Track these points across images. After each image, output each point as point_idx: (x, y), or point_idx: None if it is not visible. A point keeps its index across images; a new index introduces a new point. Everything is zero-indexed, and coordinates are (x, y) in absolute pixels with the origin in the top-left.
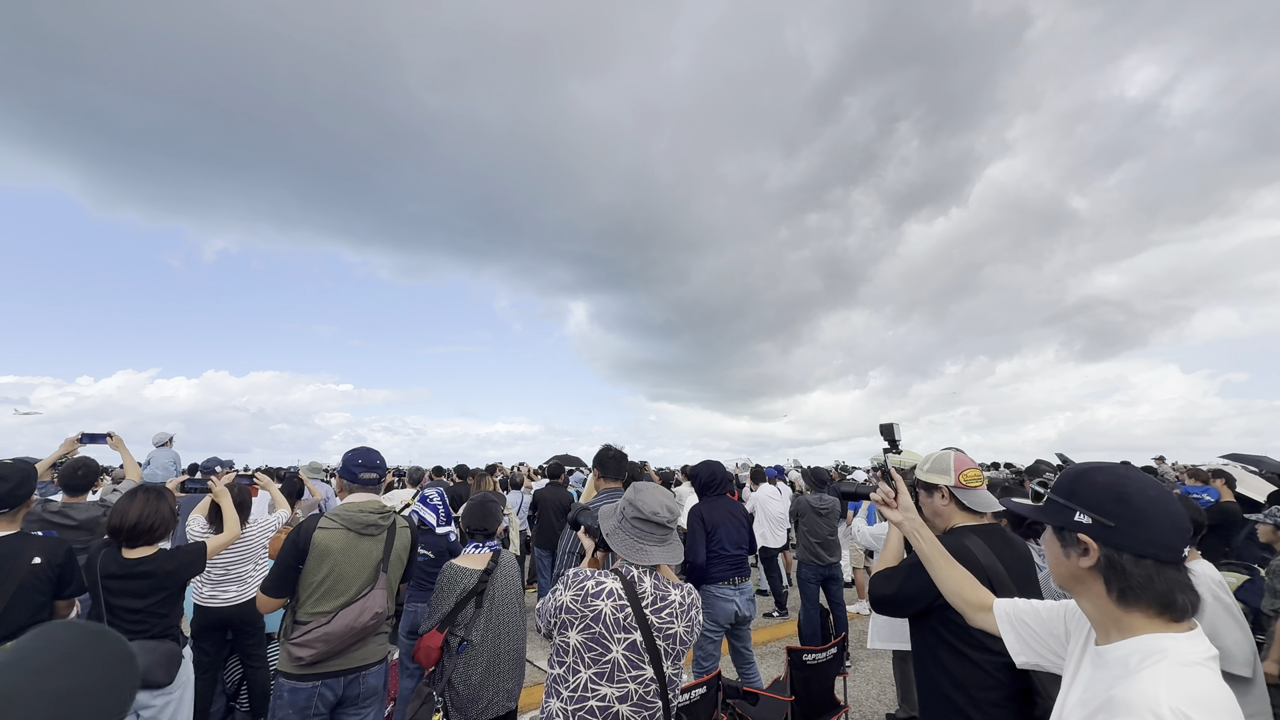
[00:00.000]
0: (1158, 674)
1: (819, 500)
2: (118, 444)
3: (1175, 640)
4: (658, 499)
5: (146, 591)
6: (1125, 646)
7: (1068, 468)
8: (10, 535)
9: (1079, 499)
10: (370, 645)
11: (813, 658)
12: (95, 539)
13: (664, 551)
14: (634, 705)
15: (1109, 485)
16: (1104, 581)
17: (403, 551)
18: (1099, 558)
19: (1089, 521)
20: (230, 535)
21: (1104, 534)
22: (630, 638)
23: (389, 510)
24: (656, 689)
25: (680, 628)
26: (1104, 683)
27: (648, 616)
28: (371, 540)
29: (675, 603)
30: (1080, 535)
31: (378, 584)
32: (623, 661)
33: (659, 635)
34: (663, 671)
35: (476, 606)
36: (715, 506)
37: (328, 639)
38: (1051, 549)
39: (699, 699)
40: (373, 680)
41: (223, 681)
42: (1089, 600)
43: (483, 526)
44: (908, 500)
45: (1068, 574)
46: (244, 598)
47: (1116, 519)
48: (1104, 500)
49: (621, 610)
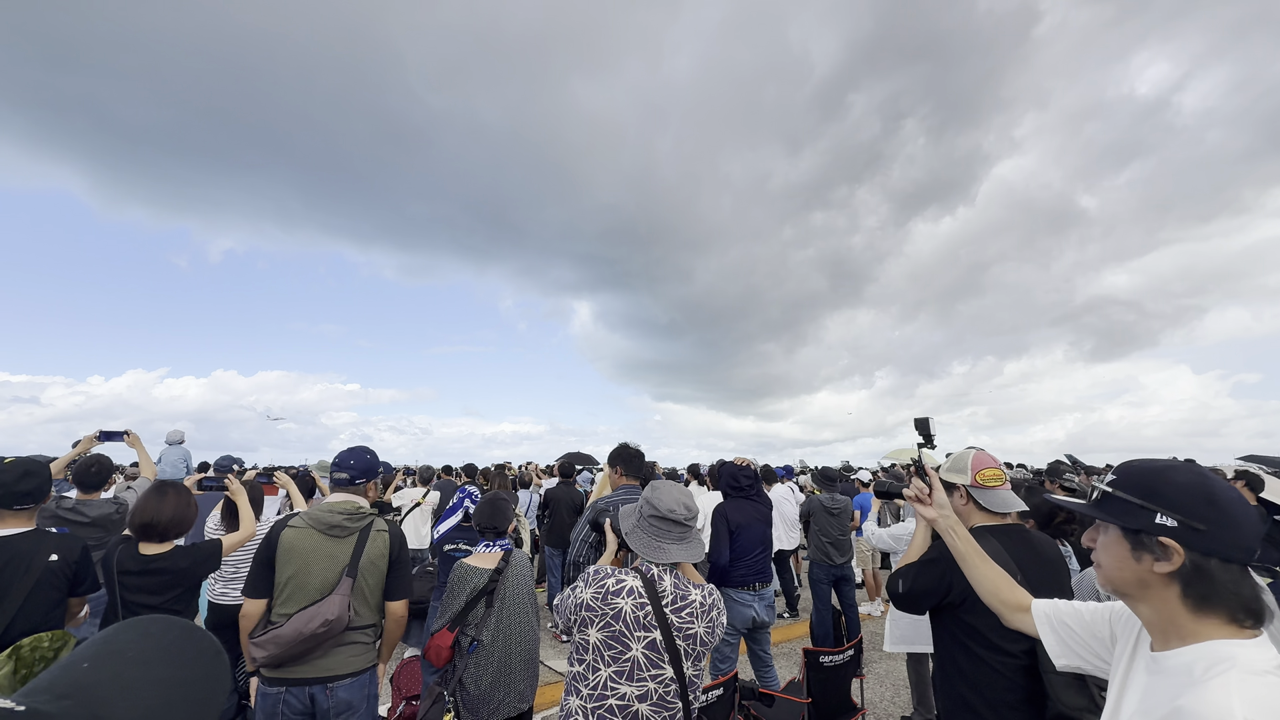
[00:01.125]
0: (1228, 683)
1: (830, 500)
2: (134, 441)
3: (1243, 648)
4: (675, 496)
5: (162, 588)
6: (1188, 653)
7: (1128, 464)
8: (28, 532)
9: (1160, 499)
10: (338, 655)
11: (830, 660)
12: (109, 536)
13: (683, 549)
14: (654, 705)
15: (1195, 485)
16: (1181, 587)
17: (378, 558)
18: (1184, 563)
19: (1174, 524)
20: (246, 533)
21: (1193, 538)
22: (650, 636)
23: (364, 512)
24: (676, 689)
25: (700, 628)
26: (1166, 692)
27: (668, 615)
28: (337, 542)
29: (696, 603)
30: (1162, 539)
31: (338, 589)
32: (642, 660)
33: (679, 635)
34: (683, 672)
35: (487, 606)
36: (742, 508)
37: (277, 642)
38: (1114, 552)
39: (716, 700)
40: (344, 694)
41: (235, 679)
42: (1151, 605)
43: (494, 525)
44: (943, 497)
45: (1133, 578)
46: None
47: (1207, 522)
48: (1193, 502)
49: (642, 608)
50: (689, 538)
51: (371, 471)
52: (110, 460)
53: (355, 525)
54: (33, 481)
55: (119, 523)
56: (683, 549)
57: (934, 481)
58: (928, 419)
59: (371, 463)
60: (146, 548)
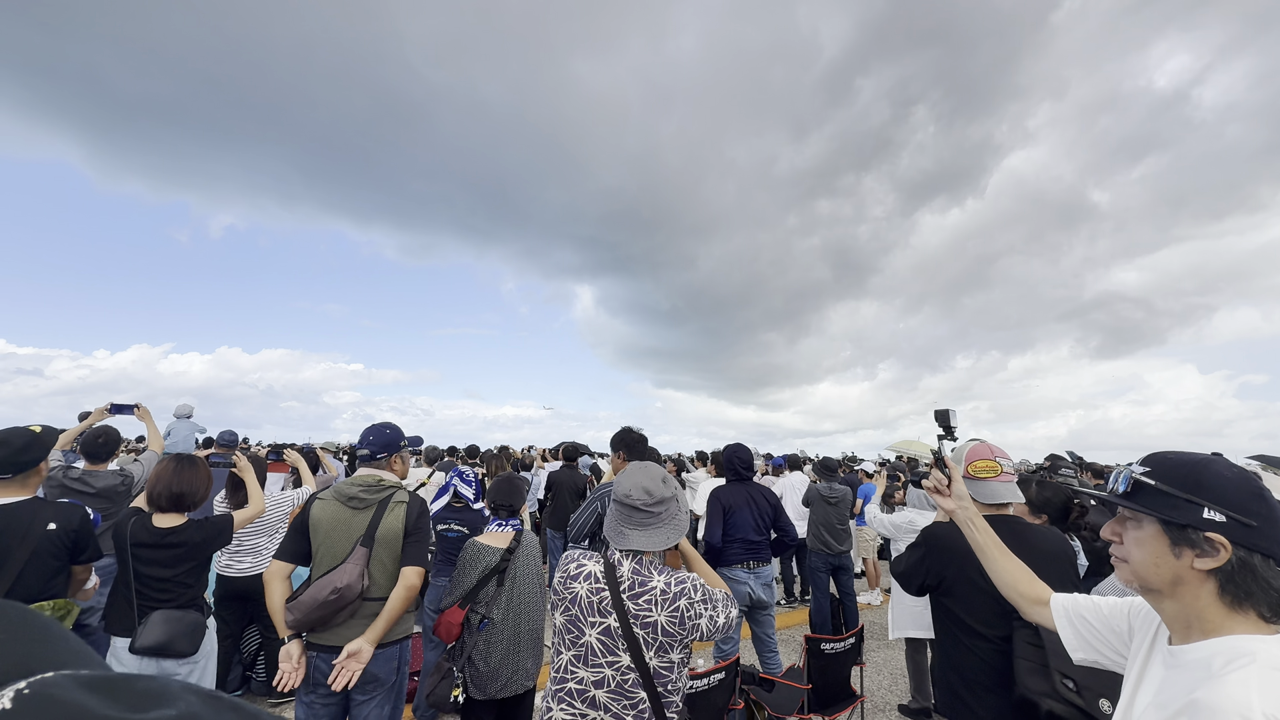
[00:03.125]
0: (1248, 678)
1: (829, 489)
2: (144, 415)
3: (1265, 643)
4: (636, 481)
5: (174, 561)
6: (1207, 647)
7: (1161, 455)
8: (22, 501)
9: (1209, 493)
10: (359, 626)
11: (831, 647)
12: (114, 507)
13: (644, 536)
14: (611, 692)
15: (1242, 479)
16: (1219, 583)
17: (393, 530)
18: (1230, 559)
19: (1223, 519)
20: (256, 509)
21: (1242, 534)
22: (605, 622)
23: (384, 484)
24: (636, 679)
25: (661, 616)
26: (1183, 685)
27: (625, 602)
28: (355, 514)
29: (656, 590)
30: (1210, 535)
31: (350, 558)
32: (597, 646)
33: (636, 623)
34: (644, 661)
35: (498, 585)
36: (737, 491)
37: (299, 607)
38: (1150, 547)
39: (717, 684)
40: (370, 666)
41: (240, 651)
42: (1182, 602)
43: (509, 503)
44: (961, 489)
45: (1169, 575)
46: (258, 569)
47: (1258, 518)
48: (1243, 497)
49: (597, 594)
50: (651, 524)
51: (392, 446)
52: (118, 432)
53: (373, 497)
54: (4, 451)
55: (124, 494)
56: (644, 535)
57: (954, 473)
58: (948, 410)
59: (391, 437)
60: (160, 520)
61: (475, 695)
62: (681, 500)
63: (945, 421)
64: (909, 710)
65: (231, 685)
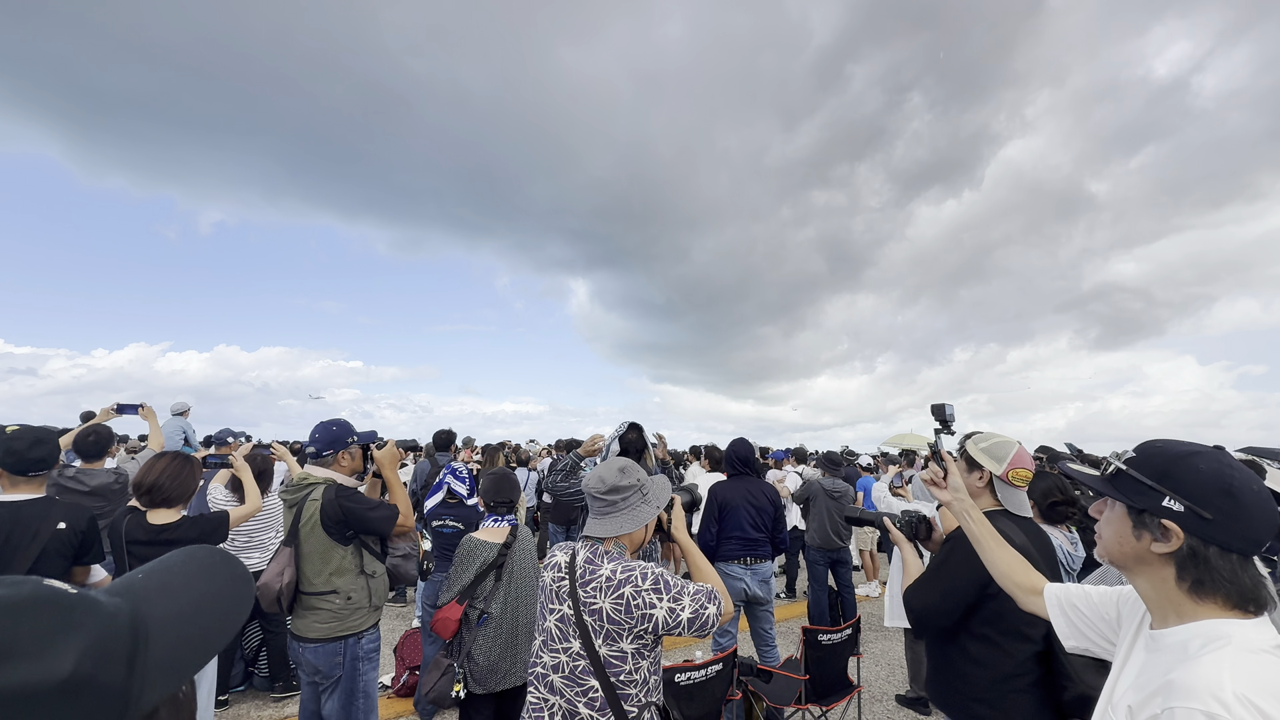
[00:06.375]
0: (1221, 659)
1: (831, 484)
2: (148, 414)
3: (1240, 626)
4: (598, 470)
5: None
6: (1185, 631)
7: (1151, 444)
8: (38, 499)
9: (1174, 484)
10: (304, 618)
11: (828, 638)
12: (109, 506)
13: (598, 523)
14: (565, 678)
15: (1214, 475)
16: (1176, 569)
17: (313, 524)
18: (1181, 546)
19: (1180, 509)
20: (252, 507)
21: (1196, 525)
22: (560, 609)
23: (306, 483)
24: (586, 666)
25: (605, 603)
26: (1160, 667)
27: (577, 590)
28: (289, 511)
29: (603, 577)
30: (1164, 521)
31: (276, 557)
32: (555, 632)
33: (584, 610)
34: (594, 649)
35: (496, 580)
36: (734, 487)
37: None
38: (1115, 526)
39: (714, 675)
40: (310, 657)
41: (241, 647)
42: (1149, 582)
43: (506, 499)
44: (957, 481)
45: (1131, 554)
46: (266, 564)
47: (1216, 513)
48: (1207, 492)
49: (559, 581)
50: (608, 512)
51: (339, 442)
52: (109, 430)
53: (295, 496)
54: (44, 449)
55: (119, 493)
56: (598, 523)
57: (950, 467)
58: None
59: (337, 434)
60: (155, 517)
61: (476, 690)
62: (650, 492)
63: (942, 415)
64: (906, 700)
65: (234, 681)
